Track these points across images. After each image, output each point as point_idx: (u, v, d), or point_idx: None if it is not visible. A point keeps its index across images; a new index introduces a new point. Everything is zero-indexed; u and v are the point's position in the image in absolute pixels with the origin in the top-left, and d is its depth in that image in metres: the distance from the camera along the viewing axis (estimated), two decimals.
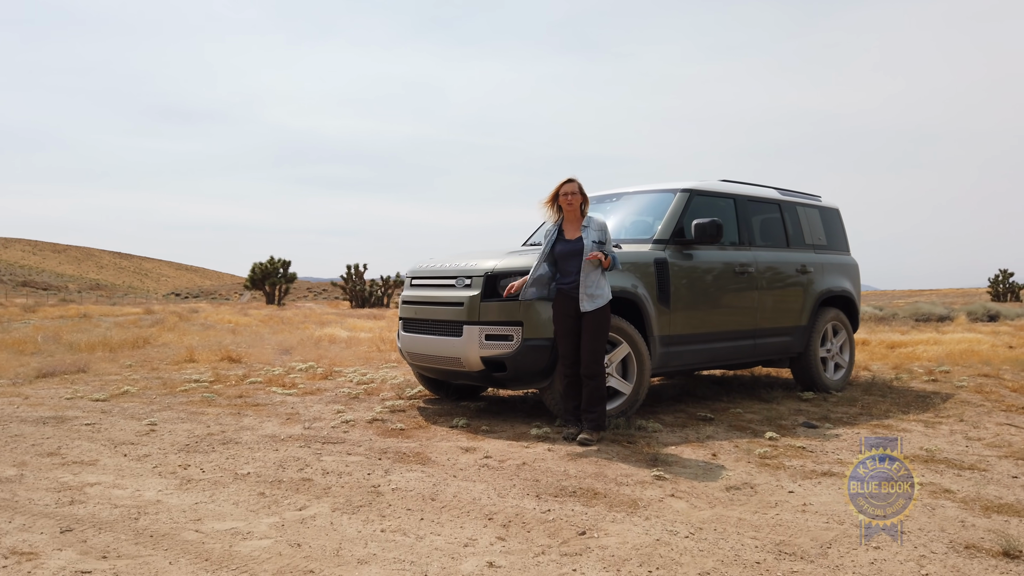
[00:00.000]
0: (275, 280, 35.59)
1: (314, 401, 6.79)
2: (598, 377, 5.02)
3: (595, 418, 5.02)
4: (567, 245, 5.15)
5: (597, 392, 5.02)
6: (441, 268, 5.91)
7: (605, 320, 5.01)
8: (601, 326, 4.99)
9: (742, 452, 4.85)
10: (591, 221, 5.14)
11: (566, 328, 5.12)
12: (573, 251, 5.10)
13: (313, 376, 8.43)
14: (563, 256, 5.16)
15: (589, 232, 5.09)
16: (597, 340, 4.99)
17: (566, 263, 5.15)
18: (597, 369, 5.01)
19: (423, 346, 5.87)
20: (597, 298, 4.99)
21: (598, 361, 5.01)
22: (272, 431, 5.52)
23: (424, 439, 5.26)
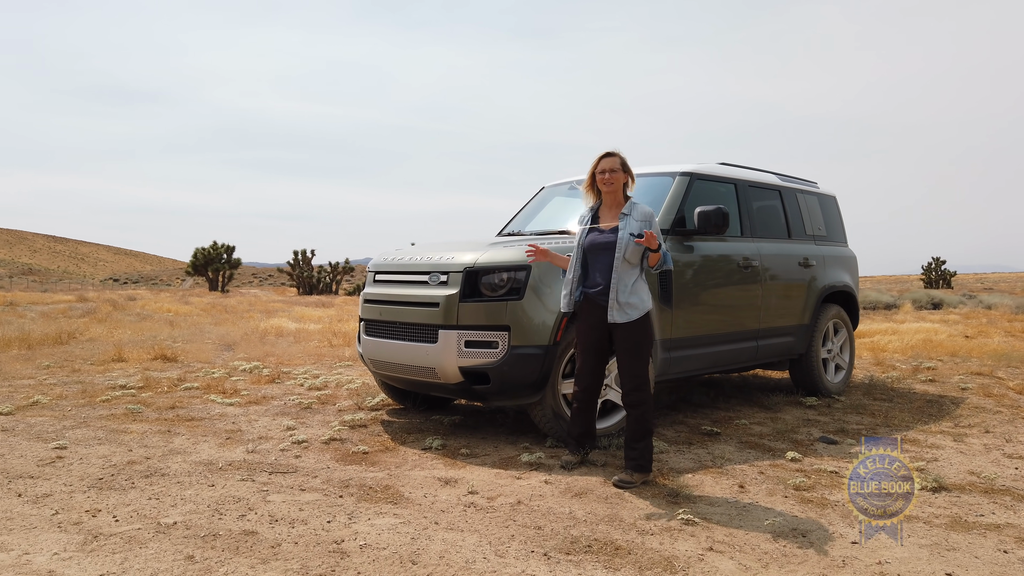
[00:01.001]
0: (218, 266, 34.02)
1: (259, 413, 5.87)
2: (642, 405, 4.02)
3: (637, 456, 4.00)
4: (598, 236, 4.16)
5: (642, 424, 4.02)
6: (411, 262, 5.04)
7: (645, 334, 4.05)
8: (641, 342, 4.03)
9: (771, 482, 4.13)
10: (634, 208, 4.12)
11: (588, 342, 4.18)
12: (604, 245, 4.09)
13: (258, 379, 7.48)
14: (592, 249, 4.16)
15: (628, 222, 4.08)
16: (638, 360, 4.02)
17: (595, 259, 4.15)
18: (641, 396, 4.02)
19: (389, 353, 5.00)
20: (632, 308, 4.02)
21: (642, 386, 4.02)
22: (208, 456, 4.61)
23: (393, 466, 4.41)
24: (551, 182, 6.80)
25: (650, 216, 4.09)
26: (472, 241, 5.44)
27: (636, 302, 4.03)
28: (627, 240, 4.01)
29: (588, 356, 4.20)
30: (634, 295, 4.04)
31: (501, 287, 4.61)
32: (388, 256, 5.37)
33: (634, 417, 4.04)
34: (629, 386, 4.03)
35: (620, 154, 4.12)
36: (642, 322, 4.03)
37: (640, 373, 4.02)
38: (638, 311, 4.02)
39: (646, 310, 4.05)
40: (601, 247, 4.11)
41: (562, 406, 4.70)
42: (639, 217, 4.09)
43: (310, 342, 11.18)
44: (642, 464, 4.00)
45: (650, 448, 4.03)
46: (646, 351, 4.05)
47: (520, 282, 4.58)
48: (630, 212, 4.11)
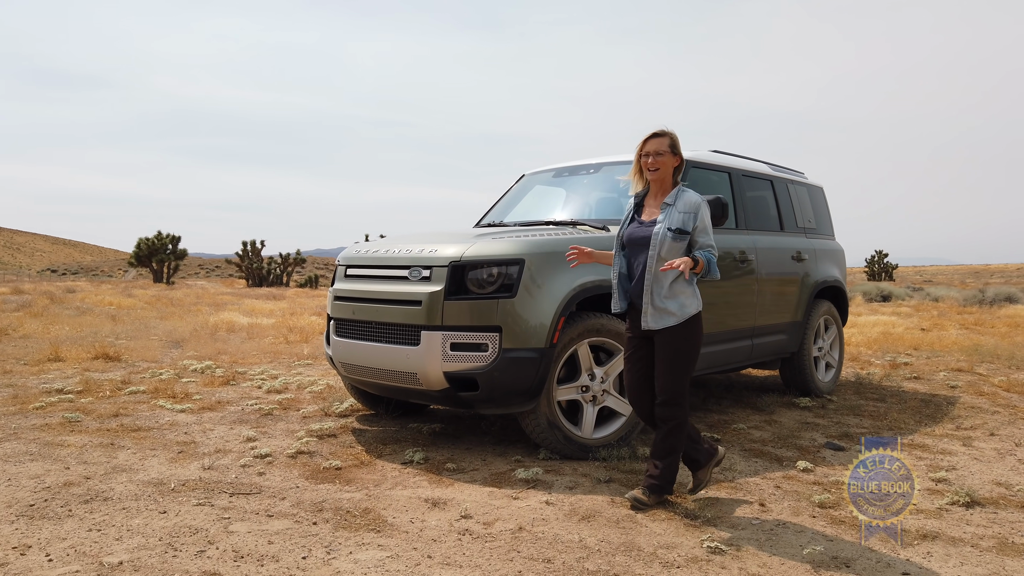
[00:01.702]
0: (163, 257, 32.73)
1: (215, 421, 5.31)
2: (672, 421, 3.53)
3: (658, 475, 3.55)
4: (636, 228, 3.61)
5: (668, 441, 3.55)
6: (388, 255, 4.54)
7: (685, 343, 3.52)
8: (679, 352, 3.51)
9: (792, 498, 3.77)
10: (679, 197, 3.54)
11: (629, 351, 3.69)
12: (640, 239, 3.56)
13: (212, 381, 6.88)
14: (630, 243, 3.63)
15: (670, 213, 3.51)
16: (672, 371, 3.52)
17: (634, 254, 3.61)
18: (672, 412, 3.52)
19: (364, 356, 4.50)
20: (666, 314, 3.48)
21: (674, 401, 3.52)
22: (158, 474, 4.06)
23: (371, 485, 3.93)
24: (531, 169, 6.36)
25: (697, 207, 3.50)
26: (456, 232, 4.96)
27: (673, 307, 3.48)
28: (663, 235, 3.47)
29: (632, 368, 3.69)
30: (671, 299, 3.48)
31: (491, 283, 4.15)
32: (361, 248, 4.86)
33: (661, 433, 3.56)
34: (661, 398, 3.54)
35: (670, 133, 3.57)
36: (682, 329, 3.49)
37: (675, 387, 3.52)
38: (676, 317, 3.47)
39: (687, 315, 3.49)
40: (638, 241, 3.58)
41: (557, 415, 4.27)
42: (684, 207, 3.51)
43: (264, 338, 10.56)
44: (661, 485, 3.54)
45: (674, 469, 3.58)
46: (685, 362, 3.53)
47: (512, 278, 4.13)
48: (674, 202, 3.53)
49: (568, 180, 5.84)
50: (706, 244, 3.50)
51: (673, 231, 3.47)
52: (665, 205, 3.55)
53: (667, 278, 3.47)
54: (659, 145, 3.54)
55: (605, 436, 4.38)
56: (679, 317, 3.47)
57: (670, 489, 3.58)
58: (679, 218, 3.47)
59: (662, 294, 3.47)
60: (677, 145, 3.58)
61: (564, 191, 5.87)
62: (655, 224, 3.53)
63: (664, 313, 3.48)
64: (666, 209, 3.53)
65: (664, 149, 3.53)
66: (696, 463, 3.71)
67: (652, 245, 3.49)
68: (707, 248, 3.49)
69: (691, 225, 3.48)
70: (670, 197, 3.56)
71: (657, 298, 3.48)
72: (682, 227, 3.47)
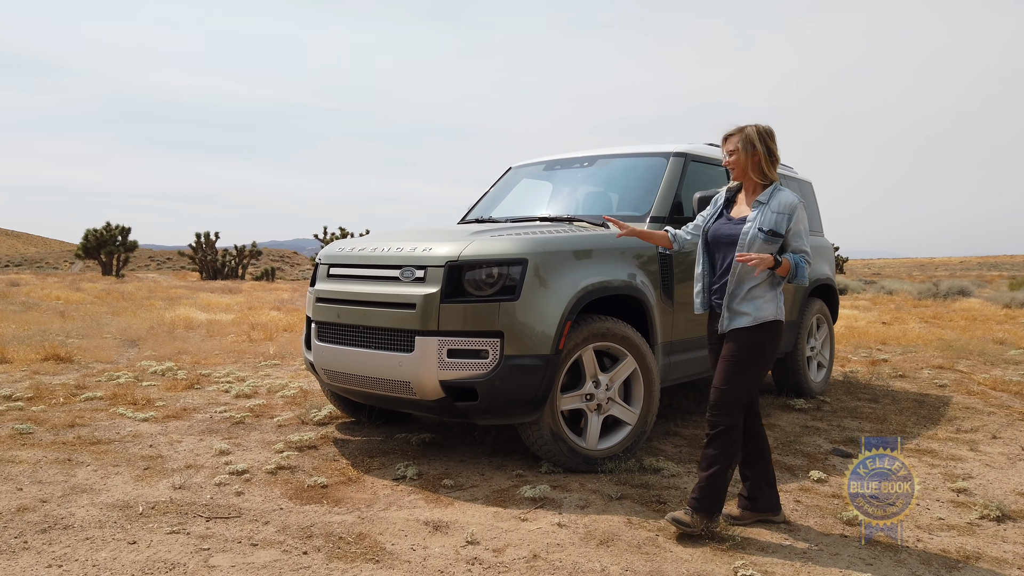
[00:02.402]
0: (112, 249, 31.56)
1: (182, 431, 4.90)
2: (719, 428, 3.20)
3: (701, 494, 3.19)
4: (723, 225, 3.38)
5: (711, 448, 3.22)
6: (377, 253, 4.19)
7: (752, 348, 3.22)
8: (742, 356, 3.22)
9: (816, 515, 3.54)
10: (774, 195, 3.26)
11: (713, 358, 3.47)
12: (726, 237, 3.32)
13: (174, 384, 6.44)
14: (716, 241, 3.39)
15: (762, 212, 3.23)
16: (729, 374, 3.22)
17: (719, 253, 3.39)
18: (721, 419, 3.20)
19: (351, 364, 4.15)
20: (740, 315, 3.23)
21: (726, 407, 3.20)
22: (124, 495, 3.68)
23: (363, 505, 3.60)
24: (518, 162, 6.06)
25: (793, 208, 3.20)
26: (450, 229, 4.64)
27: (749, 308, 3.21)
28: (753, 235, 3.20)
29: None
30: (748, 302, 3.22)
31: (491, 285, 3.84)
32: (346, 246, 4.50)
33: (708, 440, 3.24)
34: (712, 400, 3.24)
35: (742, 131, 3.29)
36: (752, 334, 3.21)
37: (726, 390, 3.20)
38: (749, 318, 3.20)
39: (761, 320, 3.20)
40: (724, 239, 3.33)
41: (561, 426, 3.98)
42: (779, 207, 3.21)
43: (226, 336, 10.07)
44: (706, 504, 3.18)
45: (720, 486, 3.19)
46: (745, 368, 3.22)
47: (515, 279, 3.83)
48: (767, 200, 3.25)
49: (559, 174, 5.55)
50: (799, 248, 3.22)
51: (765, 232, 3.18)
52: (758, 203, 3.27)
53: (749, 281, 3.22)
54: (731, 144, 3.34)
55: (611, 447, 4.11)
56: (753, 319, 3.20)
57: (717, 510, 3.19)
58: (772, 218, 3.19)
59: (740, 296, 3.23)
60: (754, 141, 3.26)
61: (555, 185, 5.58)
62: (744, 222, 3.27)
63: (738, 315, 3.25)
64: (758, 208, 3.26)
65: (734, 147, 3.32)
66: (753, 502, 3.41)
67: (740, 245, 3.22)
68: (800, 253, 3.22)
69: (784, 227, 3.20)
70: (764, 195, 3.28)
71: (734, 300, 3.25)
72: (775, 228, 3.19)
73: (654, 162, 5.08)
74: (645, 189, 4.94)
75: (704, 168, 5.33)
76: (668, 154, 5.06)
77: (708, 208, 3.55)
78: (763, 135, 3.26)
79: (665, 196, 4.82)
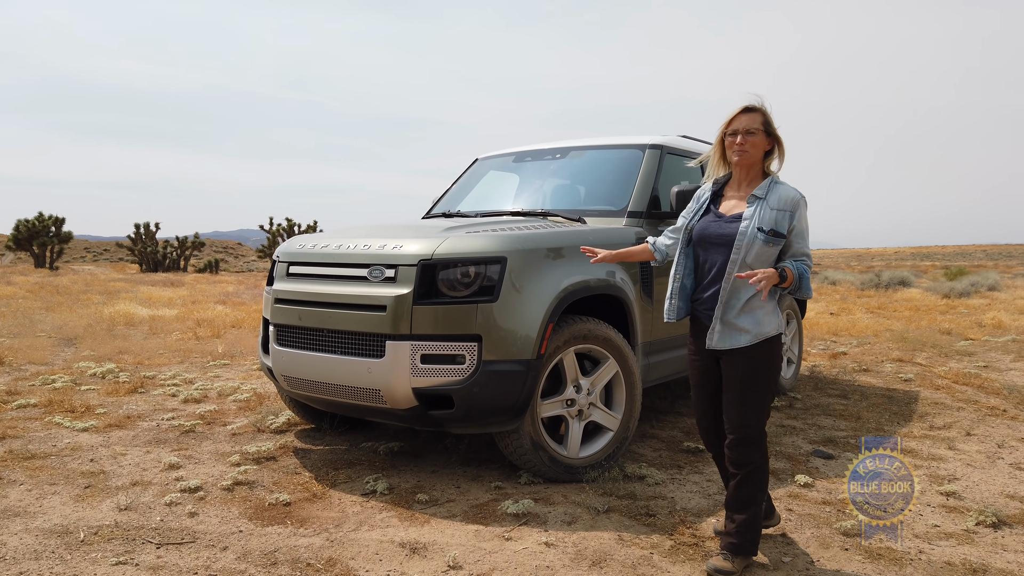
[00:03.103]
0: (45, 240, 30.19)
1: (126, 442, 4.53)
2: (749, 466, 2.85)
3: (737, 532, 2.87)
4: (712, 224, 2.91)
5: (745, 488, 2.86)
6: (342, 251, 3.89)
7: (761, 368, 2.84)
8: (753, 380, 2.84)
9: (811, 525, 3.38)
10: (772, 189, 2.84)
11: (697, 373, 3.03)
12: (718, 238, 2.86)
13: (116, 388, 6.02)
14: (702, 241, 2.92)
15: (760, 209, 2.80)
16: (745, 403, 2.84)
17: (706, 255, 2.92)
18: (749, 453, 2.84)
19: (314, 370, 3.85)
20: (738, 332, 2.81)
21: (750, 439, 2.84)
22: (62, 519, 3.33)
23: (331, 525, 3.31)
24: (485, 154, 5.79)
25: (796, 204, 2.80)
26: (420, 225, 4.36)
27: (748, 323, 2.80)
28: (752, 236, 2.77)
29: (700, 393, 3.04)
30: (746, 314, 2.81)
31: (468, 285, 3.59)
32: (307, 242, 4.18)
33: (738, 480, 2.87)
34: (733, 437, 2.85)
35: (763, 109, 2.85)
36: (757, 352, 2.82)
37: (749, 422, 2.82)
38: (749, 335, 2.80)
39: (764, 336, 2.81)
40: (714, 240, 2.87)
41: (542, 434, 3.76)
42: (779, 203, 2.79)
43: (170, 334, 9.59)
44: (744, 544, 2.85)
45: (756, 524, 2.88)
46: (761, 392, 2.84)
47: (493, 279, 3.58)
48: (765, 195, 2.82)
49: (529, 166, 5.32)
50: (801, 252, 2.82)
51: (765, 233, 2.76)
52: (754, 198, 2.83)
53: (746, 290, 2.80)
54: (751, 122, 2.83)
55: (592, 455, 3.91)
56: (753, 336, 2.80)
57: (755, 549, 2.90)
58: (772, 216, 2.77)
59: (737, 308, 2.81)
60: (772, 123, 2.87)
61: (526, 178, 5.34)
62: (740, 221, 2.82)
63: (735, 331, 2.82)
64: (755, 203, 2.82)
65: (756, 126, 2.83)
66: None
67: (736, 248, 2.78)
68: (802, 257, 2.81)
69: (787, 226, 2.78)
70: (760, 188, 2.84)
71: (730, 312, 2.82)
72: (776, 228, 2.76)
73: (629, 154, 4.88)
74: (621, 183, 4.73)
75: (679, 161, 5.15)
76: (644, 146, 4.87)
77: (690, 204, 3.06)
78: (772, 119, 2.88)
79: (642, 190, 4.62)
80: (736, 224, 2.83)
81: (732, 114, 2.89)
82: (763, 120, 2.84)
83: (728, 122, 2.90)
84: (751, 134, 2.82)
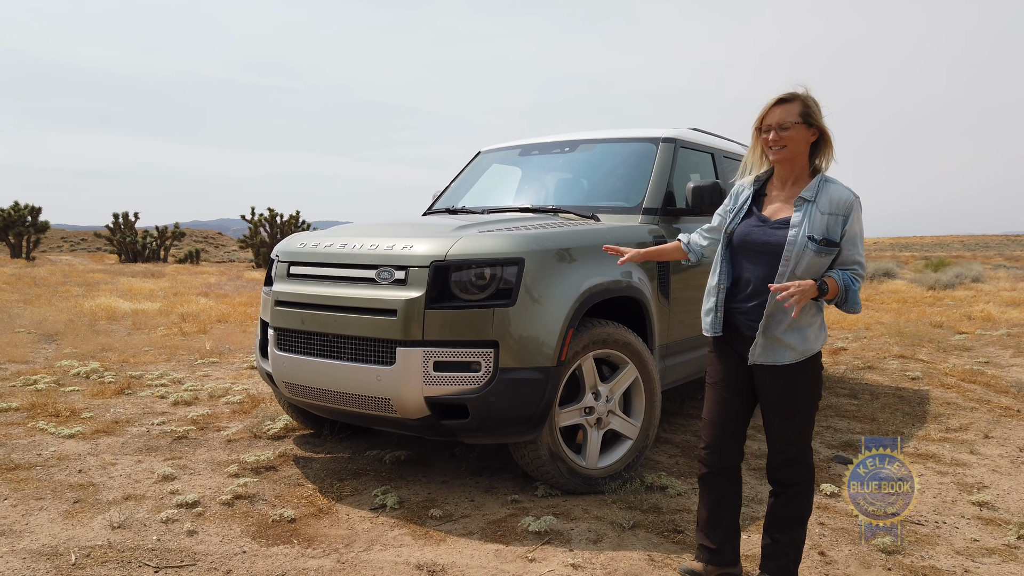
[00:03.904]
0: (21, 230, 29.54)
1: (116, 450, 4.30)
2: (795, 487, 2.63)
3: (780, 554, 2.67)
4: (755, 228, 2.60)
5: (792, 507, 2.65)
6: (347, 251, 3.67)
7: (808, 388, 2.59)
8: (801, 398, 2.59)
9: (846, 539, 3.22)
10: (823, 190, 2.53)
11: (721, 387, 2.71)
12: (763, 245, 2.56)
13: (102, 389, 5.77)
14: (744, 247, 2.62)
15: (810, 212, 2.50)
16: (795, 422, 2.59)
17: (747, 261, 2.61)
18: (795, 474, 2.63)
19: (317, 377, 3.64)
20: (783, 348, 2.54)
21: (798, 460, 2.62)
22: (51, 539, 3.10)
23: (341, 545, 3.11)
24: (488, 147, 5.58)
25: (849, 206, 2.50)
26: (425, 222, 4.15)
27: (794, 340, 2.53)
28: (803, 246, 2.46)
29: (720, 407, 2.71)
30: (795, 330, 2.52)
31: (483, 288, 3.39)
32: (308, 241, 3.95)
33: (783, 499, 2.66)
34: (779, 458, 2.63)
35: (803, 97, 2.52)
36: (803, 369, 2.56)
37: (800, 442, 2.60)
38: (795, 353, 2.53)
39: (811, 352, 2.56)
40: (758, 247, 2.57)
41: (560, 444, 3.57)
42: (830, 206, 2.49)
43: (155, 329, 9.30)
44: (788, 566, 2.66)
45: (801, 542, 2.69)
46: (809, 410, 2.61)
47: (510, 281, 3.38)
48: (815, 197, 2.52)
49: (536, 159, 5.11)
50: (852, 259, 2.51)
51: (817, 242, 2.45)
52: (801, 201, 2.52)
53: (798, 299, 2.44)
54: (785, 115, 2.51)
55: (611, 465, 3.73)
56: (799, 354, 2.53)
57: (796, 570, 2.70)
58: (823, 222, 2.47)
59: (784, 323, 2.51)
60: (814, 114, 2.52)
61: (532, 172, 5.14)
62: (787, 227, 2.51)
63: (779, 346, 2.53)
64: (803, 207, 2.51)
65: (793, 120, 2.50)
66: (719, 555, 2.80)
67: (784, 260, 2.48)
68: (852, 266, 2.52)
69: (839, 232, 2.48)
70: (809, 190, 2.52)
71: (776, 326, 2.53)
72: (828, 236, 2.46)
73: (642, 148, 4.69)
74: (634, 177, 4.55)
75: (692, 155, 4.98)
76: (658, 139, 4.68)
77: (728, 202, 2.75)
78: (818, 106, 2.54)
79: (657, 185, 4.44)
80: (782, 231, 2.52)
81: (766, 107, 2.57)
82: (801, 110, 2.51)
83: (761, 117, 2.59)
84: (785, 129, 2.51)
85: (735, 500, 2.77)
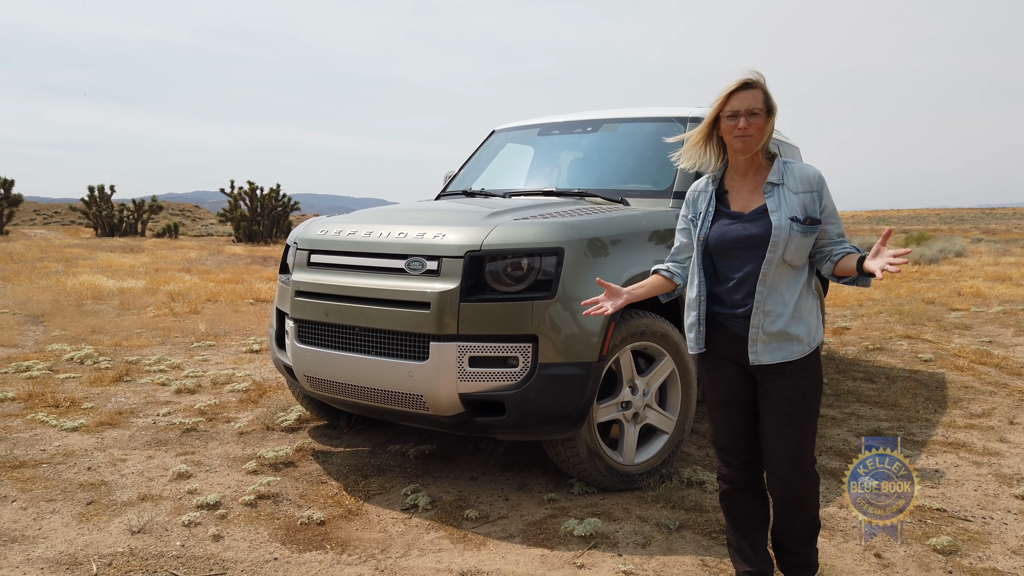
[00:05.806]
0: None
1: (124, 444, 4.11)
2: (802, 500, 2.46)
3: (798, 565, 2.57)
4: (731, 227, 2.41)
5: (802, 519, 2.50)
6: (374, 239, 3.48)
7: (811, 383, 2.41)
8: (809, 397, 2.41)
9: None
10: (788, 171, 2.40)
11: (725, 394, 2.51)
12: (745, 240, 2.37)
13: (99, 376, 5.55)
14: (721, 248, 2.42)
15: (782, 196, 2.36)
16: (802, 426, 2.40)
17: (728, 263, 2.43)
18: (802, 489, 2.44)
19: (344, 372, 3.46)
20: (790, 341, 2.36)
21: (810, 471, 2.44)
22: (67, 546, 2.93)
23: (377, 551, 2.97)
24: (502, 125, 5.37)
25: (820, 182, 2.38)
26: (459, 208, 3.95)
27: (799, 332, 2.36)
28: (787, 228, 2.32)
29: (729, 415, 2.52)
30: (797, 321, 2.36)
31: (521, 279, 3.22)
32: (330, 228, 3.75)
33: (787, 516, 2.50)
34: (784, 468, 2.42)
35: (762, 82, 2.34)
36: (805, 365, 2.39)
37: (807, 451, 2.42)
38: (801, 345, 2.37)
39: (817, 342, 2.41)
40: (740, 243, 2.38)
41: (598, 441, 3.43)
42: (800, 185, 2.37)
43: (144, 309, 9.04)
44: (813, 562, 2.58)
45: (816, 550, 2.60)
46: (814, 412, 2.43)
47: (550, 272, 3.22)
48: (782, 179, 2.38)
49: (556, 140, 4.92)
50: (839, 234, 2.39)
51: (801, 222, 2.32)
52: (770, 186, 2.37)
53: (789, 291, 2.35)
54: (752, 100, 2.31)
55: (648, 460, 3.60)
56: (807, 346, 2.37)
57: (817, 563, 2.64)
58: (799, 201, 2.35)
59: (782, 313, 2.34)
60: (772, 101, 2.36)
61: (551, 153, 4.95)
62: (766, 215, 2.35)
63: (785, 340, 2.35)
64: (773, 191, 2.36)
65: (758, 106, 2.31)
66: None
67: (772, 246, 2.32)
68: (842, 241, 2.39)
69: (817, 209, 2.36)
70: (775, 174, 2.37)
71: (772, 320, 2.34)
72: (809, 214, 2.34)
73: (669, 128, 4.50)
74: (663, 159, 4.37)
75: None
76: (685, 119, 4.51)
77: (685, 211, 2.54)
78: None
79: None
80: (762, 220, 2.36)
81: (727, 90, 2.36)
82: (764, 97, 2.34)
83: (724, 100, 2.36)
84: (755, 115, 2.32)
85: (765, 516, 2.62)
